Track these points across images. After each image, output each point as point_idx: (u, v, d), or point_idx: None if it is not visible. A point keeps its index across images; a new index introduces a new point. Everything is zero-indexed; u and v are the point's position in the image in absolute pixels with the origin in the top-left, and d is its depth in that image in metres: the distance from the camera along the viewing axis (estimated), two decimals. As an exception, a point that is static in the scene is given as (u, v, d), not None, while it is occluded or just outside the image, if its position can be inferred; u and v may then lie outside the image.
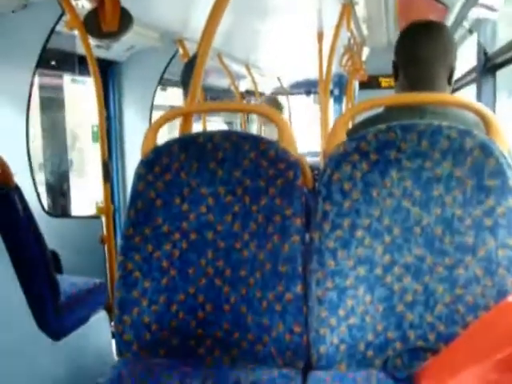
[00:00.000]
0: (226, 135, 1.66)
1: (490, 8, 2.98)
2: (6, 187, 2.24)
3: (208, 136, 1.67)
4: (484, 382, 1.19)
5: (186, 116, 2.05)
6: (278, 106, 4.48)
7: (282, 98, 9.45)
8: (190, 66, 2.13)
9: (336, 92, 8.48)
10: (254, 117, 8.77)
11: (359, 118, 1.76)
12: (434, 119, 1.62)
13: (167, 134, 5.62)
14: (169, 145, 1.68)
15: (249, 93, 8.25)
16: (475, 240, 1.50)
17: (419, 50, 1.77)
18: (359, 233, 1.54)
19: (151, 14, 3.65)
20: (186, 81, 2.11)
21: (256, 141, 1.64)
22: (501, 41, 3.00)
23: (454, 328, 1.50)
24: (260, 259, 1.60)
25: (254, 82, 7.08)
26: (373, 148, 1.54)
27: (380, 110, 1.84)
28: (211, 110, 1.96)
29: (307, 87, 9.02)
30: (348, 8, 3.83)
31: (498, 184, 1.49)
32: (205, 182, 1.66)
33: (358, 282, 1.53)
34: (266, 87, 8.50)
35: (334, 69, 4.74)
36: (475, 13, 3.07)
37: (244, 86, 7.57)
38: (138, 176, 1.67)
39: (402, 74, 1.83)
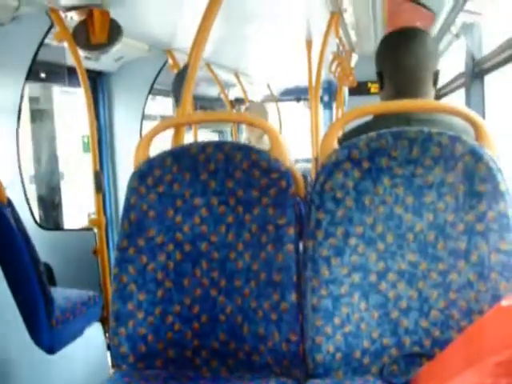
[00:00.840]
0: (218, 146, 1.67)
1: (476, 13, 3.01)
2: None
3: (200, 147, 1.67)
4: (480, 386, 1.20)
5: (178, 127, 2.05)
6: (263, 113, 4.50)
7: (271, 106, 9.49)
8: (181, 76, 2.13)
9: (326, 98, 8.52)
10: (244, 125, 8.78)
11: (347, 126, 1.77)
12: (421, 126, 1.63)
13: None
14: (161, 156, 1.68)
15: (239, 101, 8.26)
16: (468, 245, 1.51)
17: (403, 57, 1.78)
18: (353, 241, 1.55)
19: (140, 25, 3.66)
20: (176, 91, 2.11)
21: (248, 151, 1.65)
22: (488, 46, 3.03)
23: (449, 333, 1.51)
24: (254, 269, 1.61)
25: (243, 90, 7.09)
26: (364, 156, 1.55)
27: (368, 118, 1.85)
28: (203, 120, 1.97)
29: (297, 94, 9.05)
30: (336, 15, 3.85)
31: (488, 189, 1.50)
32: (198, 193, 1.66)
33: (353, 290, 1.54)
34: (256, 95, 8.51)
35: (324, 75, 4.76)
36: (462, 18, 3.10)
37: (234, 94, 7.58)
38: (131, 188, 1.67)
39: (387, 82, 1.85)
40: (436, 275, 1.52)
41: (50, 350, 2.38)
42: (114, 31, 3.07)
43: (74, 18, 3.08)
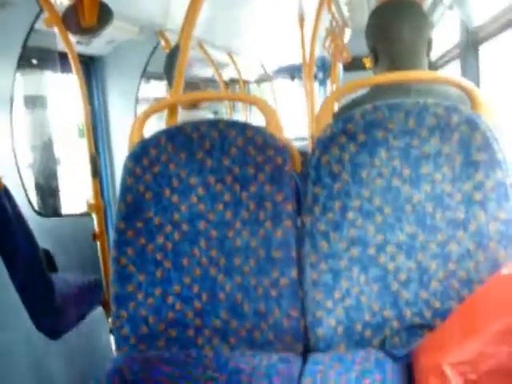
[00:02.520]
0: (212, 124, 1.66)
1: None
2: None
3: (194, 126, 1.66)
4: (481, 354, 1.20)
5: (172, 107, 2.04)
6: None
7: (266, 85, 9.45)
8: (172, 57, 2.11)
9: (320, 75, 8.46)
10: (240, 105, 8.75)
11: (344, 102, 1.76)
12: (419, 97, 1.63)
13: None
14: (156, 137, 1.67)
15: (233, 81, 8.21)
16: (466, 215, 1.51)
17: (398, 29, 1.78)
18: (350, 214, 1.54)
19: (130, 6, 3.62)
20: (169, 72, 2.09)
21: (243, 128, 1.64)
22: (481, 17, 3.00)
23: (450, 303, 1.51)
24: (253, 246, 1.60)
25: (237, 69, 7.04)
26: (360, 128, 1.54)
27: (364, 91, 1.84)
28: (196, 100, 1.95)
29: (291, 72, 8.99)
30: None
31: (485, 158, 1.49)
32: (194, 172, 1.66)
33: (352, 264, 1.54)
34: (250, 74, 8.47)
35: (318, 52, 4.73)
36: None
37: (227, 74, 7.53)
38: (127, 170, 1.67)
39: (382, 56, 1.83)
40: (435, 246, 1.53)
41: (54, 334, 2.38)
42: (104, 14, 3.04)
43: (63, 2, 3.04)
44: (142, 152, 1.66)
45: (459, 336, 1.27)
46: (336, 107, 1.87)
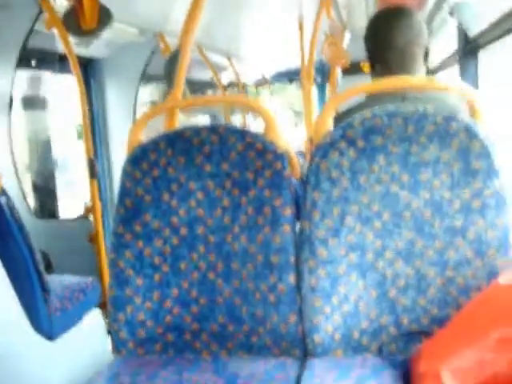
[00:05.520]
0: (212, 129, 1.66)
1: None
2: None
3: (194, 130, 1.66)
4: (479, 362, 1.21)
5: (171, 111, 2.04)
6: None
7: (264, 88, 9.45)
8: (173, 60, 2.12)
9: (318, 79, 8.46)
10: (238, 109, 8.75)
11: (340, 107, 1.77)
12: (416, 104, 1.63)
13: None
14: (155, 141, 1.67)
15: (232, 85, 8.22)
16: (464, 222, 1.51)
17: (394, 37, 1.79)
18: (349, 220, 1.55)
19: (130, 9, 3.62)
20: (169, 76, 2.09)
21: (243, 133, 1.64)
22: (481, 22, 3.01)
23: (447, 310, 1.51)
24: (251, 251, 1.60)
25: (236, 73, 7.05)
26: (359, 135, 1.55)
27: (361, 98, 1.85)
28: (196, 104, 1.95)
29: (290, 76, 9.00)
30: None
31: (484, 166, 1.50)
32: (193, 176, 1.66)
33: (351, 269, 1.54)
34: (249, 78, 8.47)
35: (316, 56, 4.74)
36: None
37: (227, 78, 7.54)
38: (126, 173, 1.66)
39: (380, 61, 1.85)
40: (433, 253, 1.53)
41: (50, 336, 2.38)
42: (104, 16, 3.04)
43: (63, 3, 3.05)
44: (141, 156, 1.66)
45: (457, 343, 1.27)
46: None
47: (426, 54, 1.84)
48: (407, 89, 1.74)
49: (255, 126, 8.33)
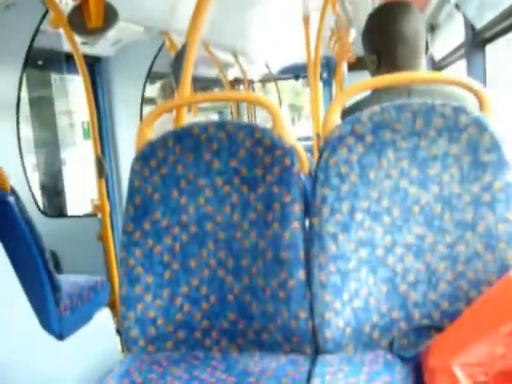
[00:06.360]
0: (220, 125, 1.66)
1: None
2: (1, 191, 2.24)
3: (202, 127, 1.66)
4: (491, 356, 1.20)
5: (179, 108, 2.04)
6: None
7: (271, 84, 9.45)
8: (179, 58, 2.11)
9: (325, 75, 8.45)
10: (244, 104, 8.75)
11: (347, 101, 1.76)
12: (422, 97, 1.63)
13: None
14: (163, 138, 1.67)
15: (238, 81, 8.21)
16: (474, 216, 1.50)
17: (405, 27, 1.81)
18: (359, 216, 1.54)
19: (135, 7, 3.62)
20: (176, 73, 2.09)
21: (251, 129, 1.64)
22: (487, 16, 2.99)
23: (458, 305, 1.51)
24: (261, 248, 1.60)
25: (242, 69, 7.04)
26: (368, 130, 1.54)
27: (366, 92, 1.85)
28: (203, 101, 1.95)
29: (295, 72, 8.99)
30: None
31: (493, 159, 1.49)
32: (201, 173, 1.65)
33: (361, 265, 1.54)
34: (255, 74, 8.47)
35: (322, 52, 4.73)
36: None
37: (232, 74, 7.54)
38: (134, 171, 1.67)
39: (386, 57, 1.85)
40: (443, 247, 1.52)
41: (60, 335, 2.39)
42: (110, 15, 3.04)
43: (68, 3, 3.05)
44: (149, 153, 1.66)
45: (468, 338, 1.27)
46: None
47: (427, 47, 1.86)
48: (417, 82, 1.75)
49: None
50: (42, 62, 4.00)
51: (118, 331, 2.84)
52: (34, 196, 3.75)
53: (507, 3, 2.59)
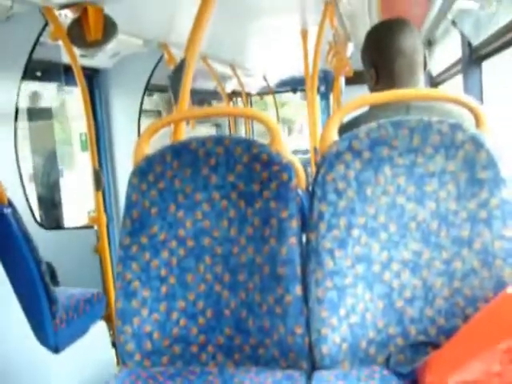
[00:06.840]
0: (218, 140, 1.66)
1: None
2: None
3: (200, 142, 1.67)
4: (487, 373, 1.20)
5: (177, 123, 2.04)
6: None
7: (268, 97, 9.48)
8: (178, 71, 2.12)
9: (322, 89, 8.48)
10: (242, 118, 8.77)
11: (345, 116, 1.77)
12: (420, 114, 1.64)
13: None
14: (161, 152, 1.67)
15: (235, 94, 8.24)
16: (471, 233, 1.51)
17: (405, 43, 1.83)
18: (355, 232, 1.54)
19: (134, 20, 3.64)
20: (174, 87, 2.10)
21: (248, 144, 1.64)
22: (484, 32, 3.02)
23: (455, 321, 1.51)
24: (258, 263, 1.60)
25: (240, 82, 7.07)
26: (365, 146, 1.55)
27: (365, 107, 1.86)
28: (201, 116, 1.95)
29: (293, 85, 9.02)
30: (331, 5, 3.83)
31: (490, 176, 1.50)
32: (199, 188, 1.66)
33: (357, 281, 1.54)
34: (253, 87, 8.50)
35: (320, 65, 4.75)
36: (459, 5, 3.09)
37: (230, 87, 7.57)
38: (132, 185, 1.67)
39: (384, 72, 1.86)
40: (440, 264, 1.53)
41: (55, 349, 2.38)
42: (109, 28, 3.06)
43: (68, 15, 3.06)
44: (147, 168, 1.66)
45: (465, 354, 1.27)
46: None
47: (425, 64, 1.88)
48: (415, 99, 1.76)
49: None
50: (40, 74, 4.00)
51: (114, 344, 2.83)
52: (31, 208, 3.74)
53: (503, 21, 2.60)
